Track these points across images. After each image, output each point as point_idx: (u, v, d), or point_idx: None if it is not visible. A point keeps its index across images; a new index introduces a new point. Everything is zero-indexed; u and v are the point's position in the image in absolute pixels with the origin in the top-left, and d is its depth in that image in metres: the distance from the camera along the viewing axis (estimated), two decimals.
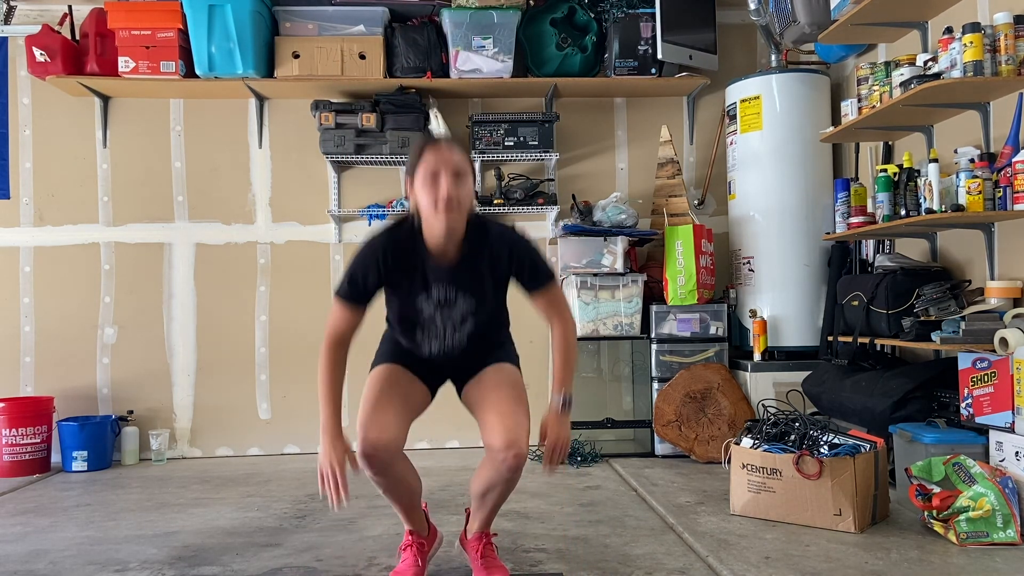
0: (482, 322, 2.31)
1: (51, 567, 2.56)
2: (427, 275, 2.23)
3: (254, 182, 4.49)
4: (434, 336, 2.31)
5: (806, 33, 3.83)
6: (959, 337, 2.85)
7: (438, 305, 2.26)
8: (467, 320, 2.28)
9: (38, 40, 4.07)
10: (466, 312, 2.27)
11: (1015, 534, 2.53)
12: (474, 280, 2.25)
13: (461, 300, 2.26)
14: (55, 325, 4.38)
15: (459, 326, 2.29)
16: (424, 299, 2.26)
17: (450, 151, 2.14)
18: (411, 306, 2.28)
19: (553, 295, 2.29)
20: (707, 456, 3.89)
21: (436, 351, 2.34)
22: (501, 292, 2.33)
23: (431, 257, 2.22)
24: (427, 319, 2.28)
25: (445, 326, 2.29)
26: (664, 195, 4.42)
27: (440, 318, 2.28)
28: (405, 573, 2.34)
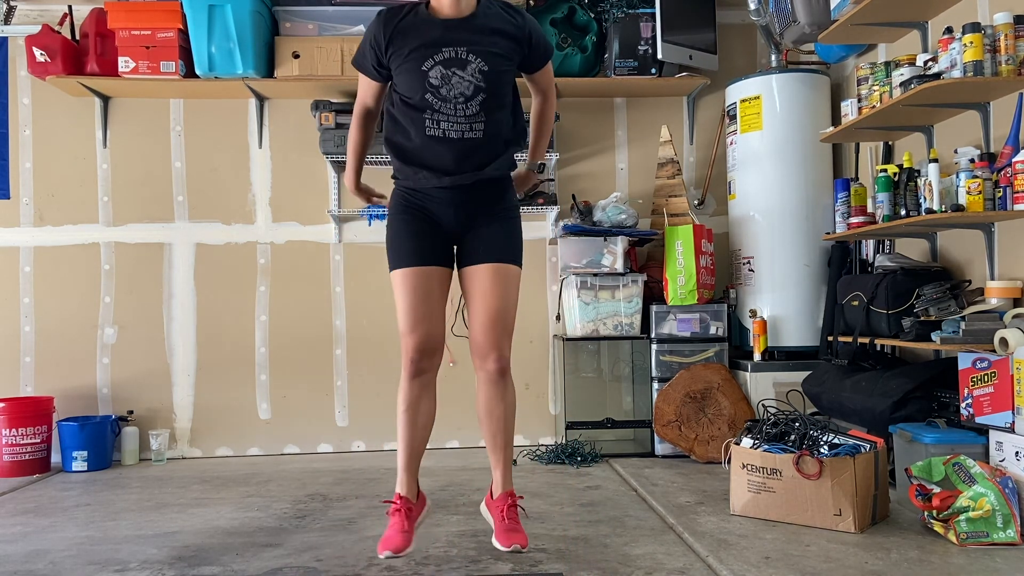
0: (492, 105, 2.35)
1: (51, 567, 2.56)
2: (436, 33, 2.28)
3: (254, 182, 4.49)
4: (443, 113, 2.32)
5: (806, 33, 3.83)
6: (959, 337, 2.85)
7: (447, 64, 2.28)
8: (478, 94, 2.31)
9: (38, 40, 4.07)
10: (477, 77, 2.30)
11: (1015, 534, 2.53)
12: (485, 40, 2.31)
13: (472, 59, 2.29)
14: (55, 325, 4.38)
15: (470, 96, 2.31)
16: (433, 61, 2.27)
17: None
18: (419, 70, 2.29)
19: (550, 73, 2.55)
20: (707, 456, 3.89)
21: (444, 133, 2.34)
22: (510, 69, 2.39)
23: (440, 15, 2.30)
24: (436, 84, 2.29)
25: (455, 95, 2.30)
26: (664, 195, 4.43)
27: (450, 83, 2.29)
28: (393, 539, 2.34)
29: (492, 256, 2.42)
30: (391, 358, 4.43)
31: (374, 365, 4.46)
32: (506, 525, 2.38)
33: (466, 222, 2.46)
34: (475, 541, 2.71)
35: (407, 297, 2.39)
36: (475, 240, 2.45)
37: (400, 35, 2.29)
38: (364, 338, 4.48)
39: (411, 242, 2.42)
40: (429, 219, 2.45)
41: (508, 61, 2.36)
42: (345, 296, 4.50)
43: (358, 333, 4.48)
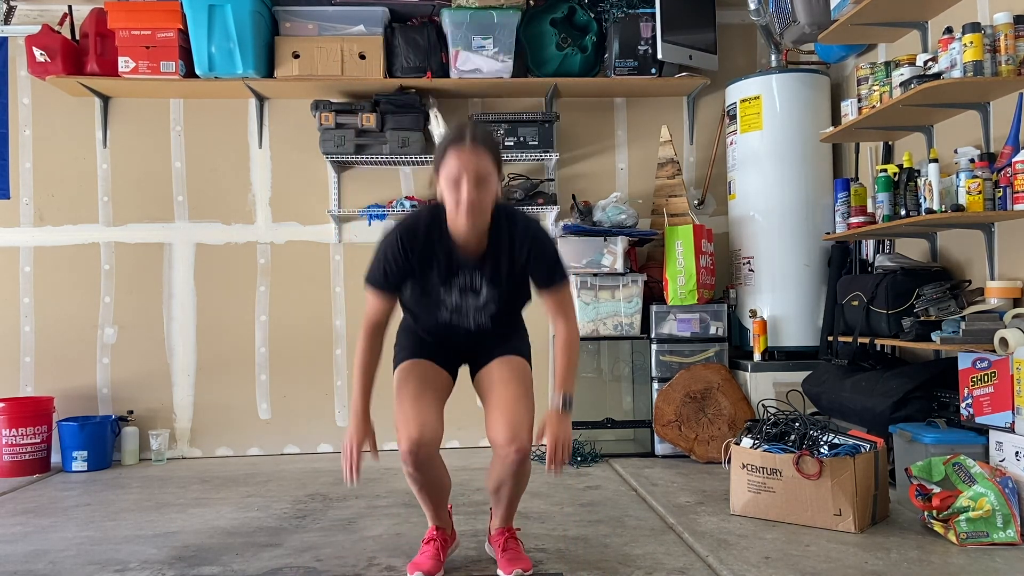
0: (503, 310, 2.38)
1: (51, 567, 2.56)
2: (451, 263, 2.28)
3: (254, 182, 4.49)
4: (456, 318, 2.36)
5: (806, 33, 3.83)
6: (959, 337, 2.85)
7: (462, 292, 2.32)
8: (489, 306, 2.34)
9: (38, 40, 4.07)
10: (488, 300, 2.33)
11: (1015, 534, 2.53)
12: (497, 271, 2.30)
13: (484, 289, 2.31)
14: (55, 325, 4.38)
15: (481, 310, 2.35)
16: (447, 286, 2.31)
17: (474, 154, 2.14)
18: (434, 293, 2.33)
19: (563, 296, 2.34)
20: (707, 456, 3.88)
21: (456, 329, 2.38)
22: (524, 282, 2.38)
23: (456, 246, 2.26)
24: (450, 304, 2.34)
25: (468, 311, 2.34)
26: (664, 195, 4.42)
27: (463, 304, 2.33)
28: (424, 564, 2.38)
29: (503, 352, 2.40)
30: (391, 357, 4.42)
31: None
32: (508, 556, 2.40)
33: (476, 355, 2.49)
34: (475, 541, 2.71)
35: (402, 386, 2.34)
36: (485, 353, 2.44)
37: (417, 260, 2.27)
38: None
39: (414, 345, 2.43)
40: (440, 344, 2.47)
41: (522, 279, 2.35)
42: (345, 296, 4.50)
43: (358, 333, 4.46)
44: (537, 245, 2.28)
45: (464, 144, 2.14)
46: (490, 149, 2.19)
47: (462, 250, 2.26)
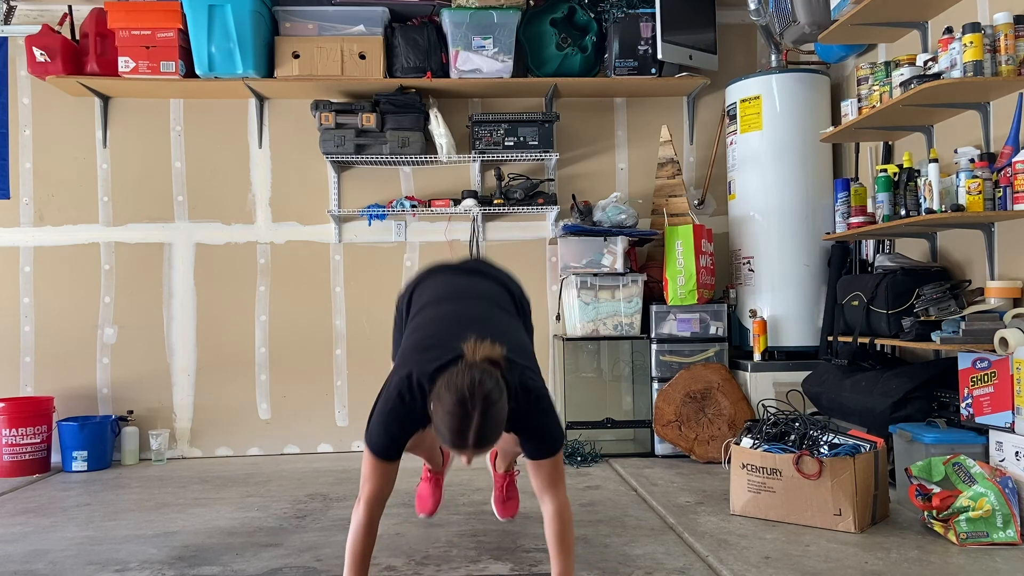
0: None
1: (51, 567, 2.56)
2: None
3: (254, 182, 4.49)
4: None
5: (806, 33, 3.83)
6: (959, 337, 2.85)
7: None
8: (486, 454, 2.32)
9: (38, 40, 4.07)
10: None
11: (1015, 534, 2.53)
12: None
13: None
14: (55, 325, 4.38)
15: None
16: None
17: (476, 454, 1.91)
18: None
19: (552, 467, 2.06)
20: (707, 456, 3.88)
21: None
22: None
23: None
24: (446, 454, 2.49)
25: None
26: (664, 195, 4.42)
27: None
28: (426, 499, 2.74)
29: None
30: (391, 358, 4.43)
31: (374, 365, 4.46)
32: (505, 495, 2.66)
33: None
34: (475, 541, 2.71)
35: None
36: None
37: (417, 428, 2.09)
38: (364, 338, 4.48)
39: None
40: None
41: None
42: (345, 296, 4.50)
43: (358, 333, 4.48)
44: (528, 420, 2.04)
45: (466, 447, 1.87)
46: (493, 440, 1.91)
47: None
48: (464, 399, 1.81)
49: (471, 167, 4.50)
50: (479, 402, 1.82)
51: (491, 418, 1.85)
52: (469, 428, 1.83)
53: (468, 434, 1.84)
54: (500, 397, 1.86)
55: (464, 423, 1.83)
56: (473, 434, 1.84)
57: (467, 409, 1.81)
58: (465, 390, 1.82)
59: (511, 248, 4.53)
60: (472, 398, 1.81)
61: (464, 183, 4.50)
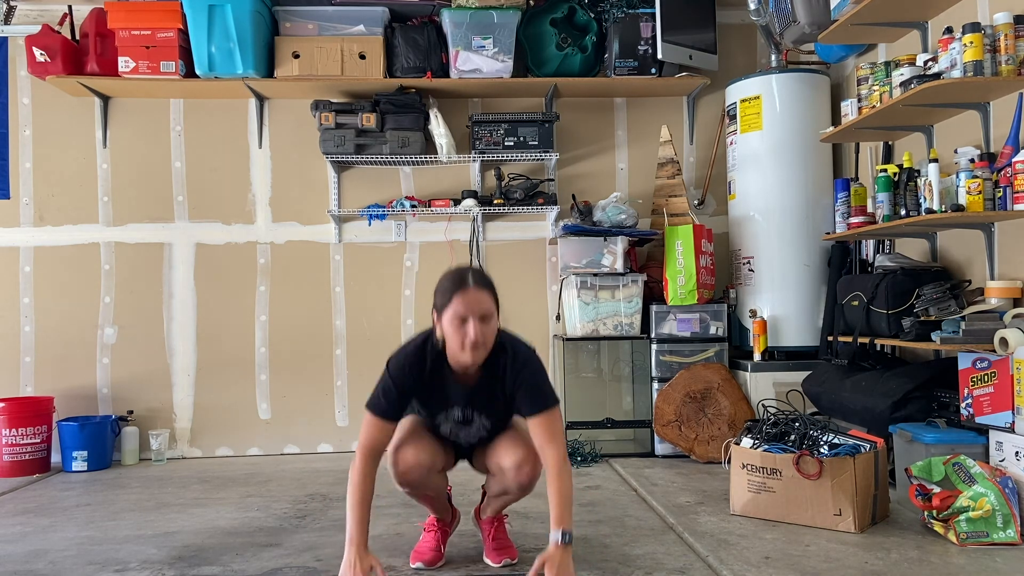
0: (497, 429, 2.47)
1: (51, 567, 2.56)
2: (448, 395, 2.36)
3: (254, 182, 4.49)
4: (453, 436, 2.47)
5: (806, 33, 3.83)
6: (959, 337, 2.85)
7: (456, 422, 2.41)
8: (482, 430, 2.44)
9: (38, 40, 4.07)
10: (481, 427, 2.43)
11: (1015, 534, 2.53)
12: (490, 401, 2.37)
13: (477, 419, 2.40)
14: (55, 325, 4.38)
15: (475, 434, 2.45)
16: (444, 416, 2.40)
17: (478, 294, 2.21)
18: (431, 418, 2.43)
19: (549, 423, 2.27)
20: (707, 456, 3.89)
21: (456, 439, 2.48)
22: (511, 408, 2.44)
23: (453, 379, 2.34)
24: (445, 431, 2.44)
25: (463, 434, 2.45)
26: (664, 195, 4.43)
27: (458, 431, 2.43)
28: (425, 554, 2.48)
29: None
30: None
31: (374, 365, 4.42)
32: (496, 544, 2.51)
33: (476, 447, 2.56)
34: (475, 541, 2.71)
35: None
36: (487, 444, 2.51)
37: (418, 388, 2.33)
38: (364, 338, 4.48)
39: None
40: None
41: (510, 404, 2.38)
42: (345, 296, 4.50)
43: (358, 333, 4.48)
44: (521, 373, 2.29)
45: (468, 287, 2.21)
46: (490, 289, 2.26)
47: (457, 381, 2.34)
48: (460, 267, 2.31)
49: (471, 167, 4.50)
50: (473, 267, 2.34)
51: (485, 275, 2.28)
52: (467, 272, 2.25)
53: (467, 276, 2.23)
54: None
55: (462, 271, 2.25)
56: (471, 275, 2.23)
57: (462, 268, 2.29)
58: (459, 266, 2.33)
59: (511, 248, 4.53)
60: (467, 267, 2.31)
61: (464, 183, 4.51)
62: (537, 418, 2.27)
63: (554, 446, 2.25)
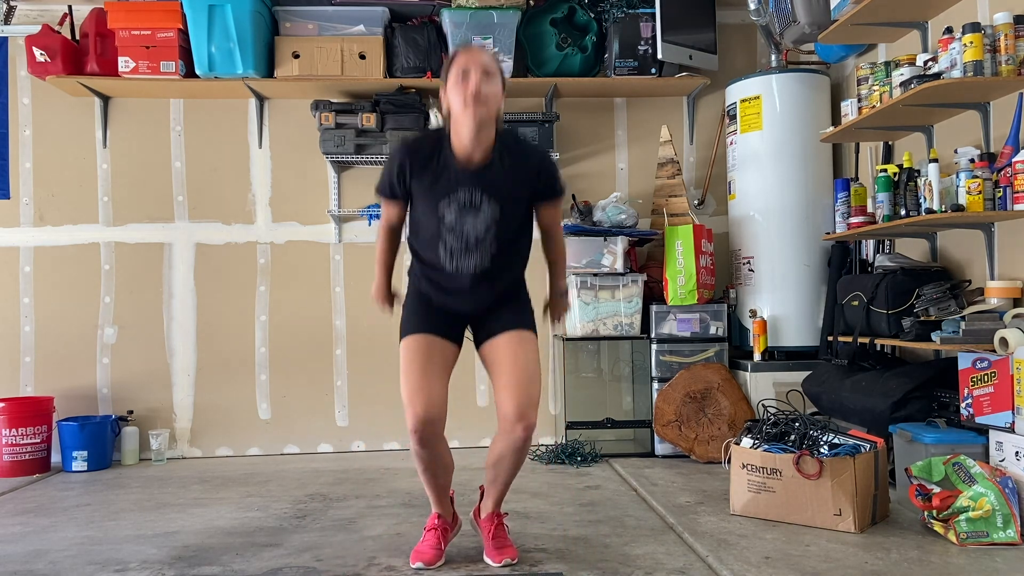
0: (505, 239, 2.40)
1: (51, 567, 2.56)
2: (453, 176, 2.33)
3: (254, 182, 4.49)
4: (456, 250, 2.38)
5: (806, 33, 3.83)
6: (959, 337, 2.85)
7: (462, 208, 2.34)
8: (490, 229, 2.36)
9: (38, 40, 4.07)
10: (490, 220, 2.36)
11: (1015, 534, 2.53)
12: (500, 185, 2.35)
13: (486, 205, 2.35)
14: (55, 325, 4.38)
15: (482, 237, 2.37)
16: (448, 201, 2.34)
17: (480, 52, 2.29)
18: (434, 209, 2.36)
19: (558, 210, 2.54)
20: (707, 456, 3.89)
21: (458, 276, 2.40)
22: (524, 206, 2.44)
23: (459, 160, 2.33)
24: (450, 225, 2.35)
25: (468, 235, 2.36)
26: (664, 195, 4.43)
27: (463, 224, 2.35)
28: (426, 553, 2.47)
29: (509, 325, 2.44)
30: (391, 358, 4.44)
31: (374, 365, 4.46)
32: (497, 543, 2.49)
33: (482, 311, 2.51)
34: (475, 541, 2.71)
35: (409, 362, 2.39)
36: (491, 319, 2.48)
37: (421, 169, 2.36)
38: (364, 338, 4.48)
39: (420, 316, 2.46)
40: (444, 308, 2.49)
41: (522, 201, 2.43)
42: (345, 296, 4.50)
43: (358, 333, 4.48)
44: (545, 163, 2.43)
45: (471, 47, 2.31)
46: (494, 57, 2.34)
47: (463, 164, 2.33)
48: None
49: None
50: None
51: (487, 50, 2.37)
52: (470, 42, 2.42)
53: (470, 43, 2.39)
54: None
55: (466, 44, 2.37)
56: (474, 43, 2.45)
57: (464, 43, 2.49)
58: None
59: None
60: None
61: None
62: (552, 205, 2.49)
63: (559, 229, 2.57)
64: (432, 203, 2.35)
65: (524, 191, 2.41)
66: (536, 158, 2.42)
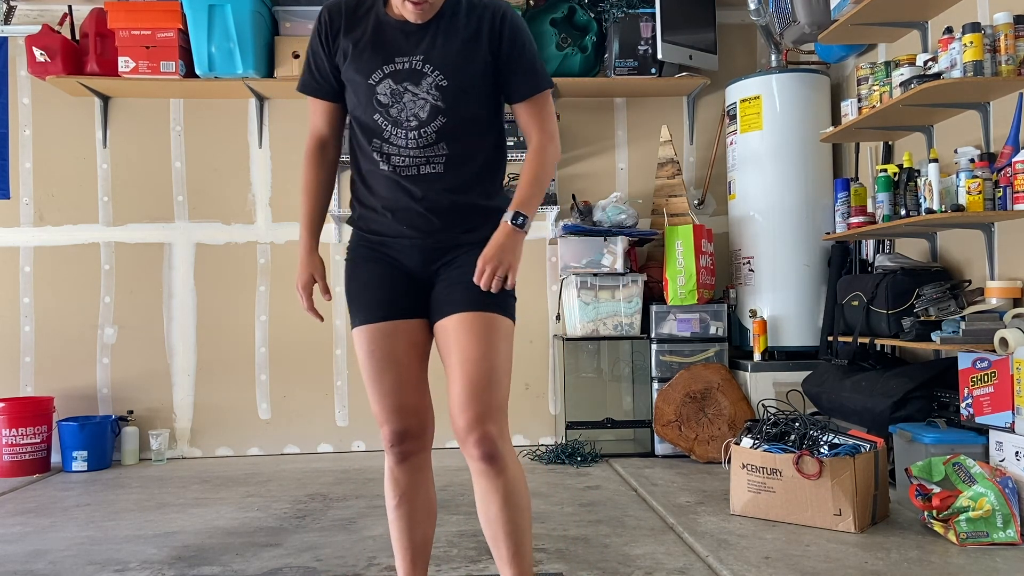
0: (457, 135, 1.81)
1: (51, 567, 2.56)
2: (388, 41, 1.79)
3: (254, 182, 4.49)
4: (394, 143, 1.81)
5: (806, 33, 3.83)
6: (959, 337, 2.85)
7: (399, 78, 1.78)
8: (435, 117, 1.79)
9: (38, 40, 4.07)
10: (434, 95, 1.78)
11: (1015, 534, 2.53)
12: (447, 47, 1.78)
13: (428, 73, 1.78)
14: (55, 325, 4.37)
15: (425, 123, 1.79)
16: (382, 72, 1.79)
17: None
18: (366, 89, 1.80)
19: (542, 106, 1.87)
20: (707, 456, 3.88)
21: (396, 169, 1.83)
22: (485, 90, 1.84)
23: (394, 19, 1.80)
24: (384, 105, 1.80)
25: (407, 120, 1.79)
26: (664, 195, 4.42)
27: (401, 103, 1.79)
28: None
29: (470, 303, 1.80)
30: None
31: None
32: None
33: (437, 262, 1.88)
34: (475, 541, 2.71)
35: (368, 366, 1.86)
36: (448, 286, 1.85)
37: (350, 29, 1.81)
38: None
39: (369, 293, 1.90)
40: (392, 263, 1.90)
41: (477, 74, 1.81)
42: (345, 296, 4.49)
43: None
44: (512, 27, 1.81)
45: None
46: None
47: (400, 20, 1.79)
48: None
49: None
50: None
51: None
52: None
53: None
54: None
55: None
56: None
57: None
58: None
59: None
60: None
61: None
62: (531, 100, 1.85)
63: (545, 131, 1.86)
64: (363, 77, 1.79)
65: (481, 65, 1.80)
66: (498, 21, 1.80)
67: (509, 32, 1.81)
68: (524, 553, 1.81)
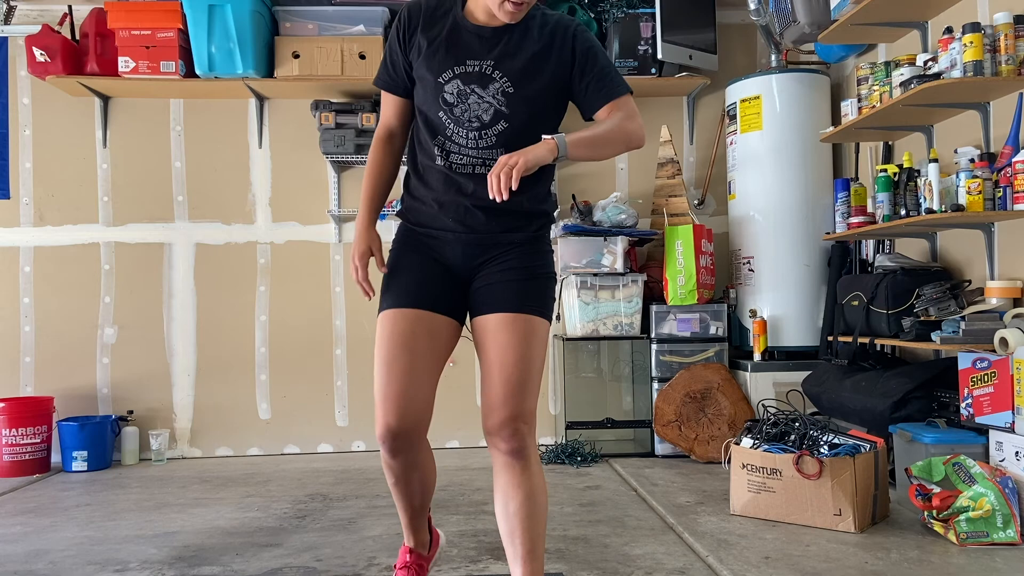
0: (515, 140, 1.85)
1: (51, 567, 2.56)
2: (462, 43, 1.87)
3: (254, 182, 4.49)
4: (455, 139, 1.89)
5: (806, 33, 3.84)
6: (959, 337, 2.85)
7: (467, 79, 1.86)
8: (497, 121, 1.87)
9: (38, 40, 4.07)
10: (499, 100, 1.86)
11: (1015, 534, 2.53)
12: (518, 56, 1.86)
13: (496, 78, 1.86)
14: (55, 325, 4.37)
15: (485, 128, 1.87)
16: (452, 72, 1.86)
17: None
18: (435, 87, 1.88)
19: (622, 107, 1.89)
20: (707, 456, 3.89)
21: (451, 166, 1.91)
22: (550, 103, 1.92)
23: (470, 23, 1.88)
24: (450, 104, 1.87)
25: (469, 120, 1.87)
26: (664, 195, 4.42)
27: (466, 103, 1.87)
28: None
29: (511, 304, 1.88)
30: None
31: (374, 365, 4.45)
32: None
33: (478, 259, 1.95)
34: (475, 541, 2.71)
35: (383, 349, 1.89)
36: (490, 284, 1.93)
37: (427, 28, 1.89)
38: (364, 338, 4.48)
39: (403, 279, 1.95)
40: (433, 256, 1.97)
41: (542, 86, 1.88)
42: (345, 296, 4.50)
43: (358, 333, 4.48)
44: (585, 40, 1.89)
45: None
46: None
47: (476, 27, 1.87)
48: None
49: None
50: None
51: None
52: None
53: None
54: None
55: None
56: None
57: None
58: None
59: None
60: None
61: None
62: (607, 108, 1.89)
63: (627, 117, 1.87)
64: (433, 76, 1.87)
65: (548, 79, 1.87)
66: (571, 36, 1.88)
67: (582, 47, 1.90)
68: (538, 554, 1.85)
